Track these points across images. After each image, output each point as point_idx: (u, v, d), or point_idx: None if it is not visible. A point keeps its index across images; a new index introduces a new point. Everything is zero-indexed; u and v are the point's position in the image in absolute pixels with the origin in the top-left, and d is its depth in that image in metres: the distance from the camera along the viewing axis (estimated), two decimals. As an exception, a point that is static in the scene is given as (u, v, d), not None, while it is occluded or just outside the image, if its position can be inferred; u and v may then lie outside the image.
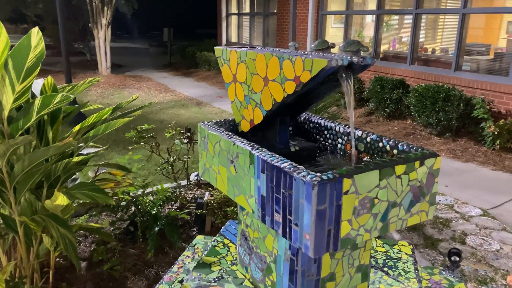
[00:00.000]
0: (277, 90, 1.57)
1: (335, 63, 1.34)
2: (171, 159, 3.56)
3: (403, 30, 8.34)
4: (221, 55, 1.91)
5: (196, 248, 2.62)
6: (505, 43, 6.55)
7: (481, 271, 2.96)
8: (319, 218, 1.24)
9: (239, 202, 1.61)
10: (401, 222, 1.45)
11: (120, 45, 21.64)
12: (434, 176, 1.48)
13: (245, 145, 1.54)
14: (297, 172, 1.28)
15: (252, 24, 12.65)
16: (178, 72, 13.53)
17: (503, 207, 3.99)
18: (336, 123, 1.86)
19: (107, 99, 9.01)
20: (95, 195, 2.26)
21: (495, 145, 5.25)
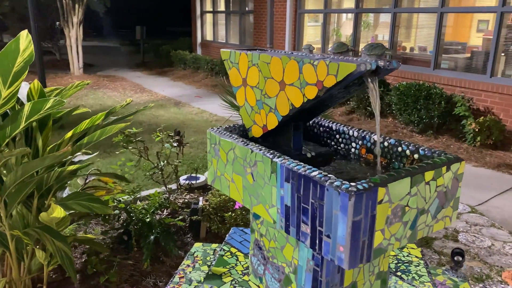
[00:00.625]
0: (296, 95, 1.51)
1: (364, 67, 1.29)
2: (161, 164, 3.44)
3: (381, 28, 8.44)
4: (228, 58, 1.83)
5: (195, 256, 2.54)
6: (481, 41, 6.72)
7: (476, 268, 3.00)
8: (354, 229, 1.19)
9: (257, 212, 1.55)
10: (428, 229, 1.42)
11: (90, 44, 21.06)
12: (458, 180, 1.46)
13: (266, 152, 1.47)
14: (329, 182, 1.23)
15: (228, 23, 12.54)
16: (152, 71, 13.28)
17: (489, 203, 4.07)
18: (349, 127, 1.82)
19: (81, 100, 8.73)
20: (92, 205, 2.14)
21: (476, 142, 5.37)
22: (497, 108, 5.60)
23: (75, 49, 11.03)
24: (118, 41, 22.30)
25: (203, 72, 11.65)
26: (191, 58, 12.31)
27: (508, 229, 3.55)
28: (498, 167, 4.91)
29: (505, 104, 5.50)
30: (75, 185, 3.85)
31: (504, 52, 5.94)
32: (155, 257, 2.81)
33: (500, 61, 5.80)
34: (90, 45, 20.45)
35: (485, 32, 6.96)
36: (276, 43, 9.92)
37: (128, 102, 2.57)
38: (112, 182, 2.94)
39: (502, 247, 3.27)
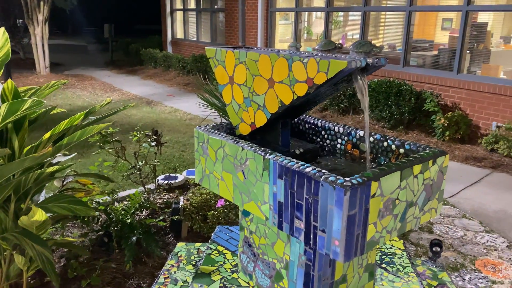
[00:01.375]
0: (285, 92, 1.53)
1: (354, 64, 1.32)
2: (139, 164, 3.39)
3: (352, 26, 8.59)
4: (214, 55, 1.83)
5: (179, 256, 2.52)
6: (447, 39, 6.95)
7: (451, 258, 3.11)
8: (349, 223, 1.22)
9: (249, 209, 1.55)
10: (416, 221, 1.47)
11: (56, 42, 20.42)
12: (443, 173, 1.51)
13: (257, 150, 1.48)
14: (324, 177, 1.25)
15: (199, 21, 12.44)
16: (122, 70, 13.02)
17: (460, 195, 4.23)
18: (334, 124, 1.85)
19: (49, 100, 8.46)
20: (74, 207, 2.09)
21: (445, 136, 5.55)
22: (464, 103, 5.82)
23: (41, 48, 10.67)
24: (86, 39, 21.74)
25: (174, 71, 11.52)
26: (161, 57, 12.15)
27: (479, 219, 3.70)
28: (466, 160, 5.10)
29: (471, 99, 5.72)
30: (50, 187, 3.74)
31: (469, 49, 6.17)
32: (137, 259, 2.77)
33: (465, 58, 6.02)
34: (56, 44, 19.83)
35: (450, 30, 7.21)
36: (248, 41, 9.93)
37: (108, 102, 2.52)
38: (90, 184, 2.88)
39: (474, 237, 3.41)
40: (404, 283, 1.88)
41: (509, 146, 5.04)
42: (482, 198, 4.14)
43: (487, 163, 4.98)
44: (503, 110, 5.40)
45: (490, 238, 3.40)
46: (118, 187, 4.07)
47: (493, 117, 5.52)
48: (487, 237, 3.41)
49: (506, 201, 4.07)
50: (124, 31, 18.22)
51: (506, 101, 5.35)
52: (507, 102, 5.35)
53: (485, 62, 6.39)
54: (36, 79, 10.37)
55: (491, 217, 3.78)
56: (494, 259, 3.10)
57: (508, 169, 4.82)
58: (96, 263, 2.65)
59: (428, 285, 2.15)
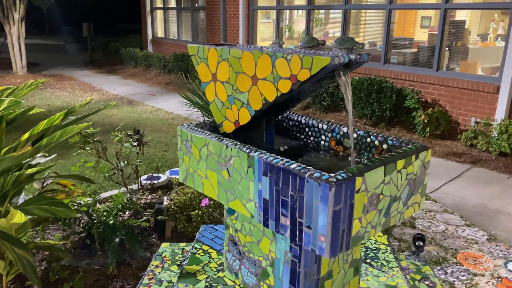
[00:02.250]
0: (269, 89, 1.52)
1: (337, 60, 1.32)
2: (121, 164, 3.35)
3: (333, 25, 8.64)
4: (196, 53, 1.81)
5: (164, 256, 2.50)
6: (426, 37, 7.06)
7: (434, 252, 3.16)
8: (335, 219, 1.22)
9: (234, 207, 1.55)
10: (399, 216, 1.48)
11: (33, 42, 20.00)
12: (425, 168, 1.53)
13: (241, 147, 1.47)
14: (309, 173, 1.25)
15: (179, 19, 12.34)
16: (101, 69, 12.83)
17: (441, 190, 4.30)
18: (318, 121, 1.86)
19: (27, 101, 8.28)
20: (55, 209, 2.04)
21: (426, 133, 5.64)
22: (443, 100, 5.92)
23: (17, 47, 10.43)
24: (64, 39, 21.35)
25: (155, 70, 11.41)
26: (142, 56, 12.02)
27: (459, 214, 3.77)
28: (446, 156, 5.19)
29: (451, 96, 5.82)
30: (30, 190, 3.65)
31: (448, 47, 6.28)
32: (120, 260, 2.73)
33: (444, 55, 6.12)
34: (33, 43, 19.42)
35: (429, 28, 7.32)
36: (230, 40, 9.90)
37: (88, 101, 2.47)
38: (71, 185, 2.82)
39: (455, 231, 3.47)
40: (388, 278, 1.90)
41: (487, 141, 5.15)
42: (462, 193, 4.21)
43: (467, 158, 5.08)
44: (481, 106, 5.51)
45: (470, 231, 3.46)
46: (100, 188, 4.01)
47: (472, 113, 5.63)
48: (468, 231, 3.47)
49: (485, 195, 4.16)
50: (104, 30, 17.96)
51: (484, 97, 5.47)
52: (485, 98, 5.46)
53: (463, 59, 6.51)
54: (13, 79, 10.14)
55: (471, 211, 3.85)
56: (475, 252, 3.16)
57: (487, 164, 4.92)
58: (79, 265, 2.60)
59: (412, 279, 2.18)
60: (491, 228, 3.55)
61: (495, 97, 5.35)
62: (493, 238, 3.37)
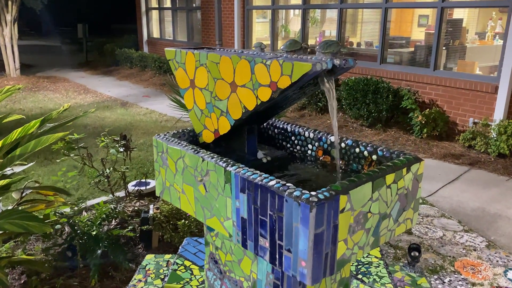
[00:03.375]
0: (249, 97, 1.41)
1: (319, 67, 1.20)
2: (106, 171, 3.23)
3: (329, 24, 8.53)
4: (173, 57, 1.70)
5: (147, 269, 2.38)
6: (423, 36, 6.94)
7: (430, 260, 3.05)
8: (316, 242, 1.10)
9: (211, 225, 1.43)
10: (390, 234, 1.37)
11: (28, 43, 19.85)
12: (418, 181, 1.42)
13: (218, 161, 1.35)
14: (288, 192, 1.14)
15: (175, 19, 12.21)
16: (96, 71, 12.71)
17: (438, 194, 4.19)
18: (304, 128, 1.74)
19: (19, 104, 8.16)
20: (28, 223, 1.93)
21: (423, 134, 5.53)
22: (441, 100, 5.80)
23: (10, 49, 10.30)
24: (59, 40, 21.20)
25: (151, 71, 11.29)
26: (137, 57, 11.89)
27: (457, 218, 3.66)
28: (444, 158, 5.08)
29: (448, 96, 5.71)
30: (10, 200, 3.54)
31: (445, 46, 6.16)
32: (103, 273, 2.62)
33: (442, 54, 6.01)
34: (28, 45, 19.28)
35: (426, 26, 7.21)
36: (225, 40, 9.78)
37: (66, 108, 2.36)
38: (52, 194, 2.71)
39: (453, 237, 3.36)
40: (381, 295, 1.79)
41: (486, 143, 5.04)
42: (460, 196, 4.10)
43: (465, 160, 4.97)
44: (479, 106, 5.40)
45: (469, 237, 3.35)
46: (88, 195, 3.89)
47: (470, 113, 5.52)
48: (466, 237, 3.36)
49: (484, 198, 4.05)
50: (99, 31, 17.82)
51: (482, 97, 5.36)
52: (483, 98, 5.35)
53: (461, 58, 6.40)
54: (6, 81, 10.01)
55: (469, 215, 3.74)
56: (473, 260, 3.05)
57: (485, 165, 4.81)
58: (58, 281, 2.49)
59: (407, 293, 2.07)
60: (490, 234, 3.44)
61: (494, 97, 5.24)
62: (492, 245, 3.26)
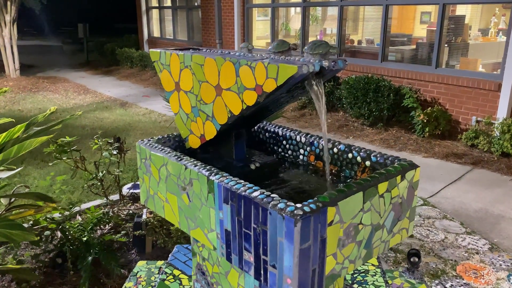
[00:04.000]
0: (234, 101, 1.33)
1: (306, 69, 1.13)
2: (99, 174, 3.16)
3: (329, 22, 8.43)
4: (158, 59, 1.62)
5: (138, 277, 2.31)
6: (425, 33, 6.84)
7: (432, 264, 2.97)
8: (302, 258, 1.03)
9: (196, 237, 1.36)
10: (384, 245, 1.29)
11: (29, 43, 19.83)
12: (413, 189, 1.34)
13: (201, 169, 1.28)
14: (272, 204, 1.06)
15: (175, 18, 12.14)
16: (97, 70, 12.66)
17: (440, 195, 4.10)
18: (296, 132, 1.66)
19: (18, 105, 8.12)
20: (10, 232, 1.86)
21: (425, 133, 5.43)
22: (443, 98, 5.71)
23: (10, 50, 10.26)
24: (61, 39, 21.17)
25: (151, 70, 11.22)
26: (138, 56, 11.83)
27: (460, 220, 3.57)
28: (446, 157, 4.99)
29: (450, 94, 5.61)
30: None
31: (448, 43, 6.06)
32: (95, 279, 2.55)
33: (444, 52, 5.90)
34: (29, 45, 19.27)
35: (428, 23, 7.10)
36: (225, 39, 9.70)
37: (52, 111, 2.29)
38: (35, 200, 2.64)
39: (455, 240, 3.27)
40: (377, 305, 1.71)
41: (489, 141, 4.94)
42: (463, 197, 4.01)
43: (468, 159, 4.87)
44: (482, 104, 5.30)
45: (471, 240, 3.27)
46: (82, 198, 3.83)
47: (473, 111, 5.42)
48: (469, 239, 3.28)
49: (487, 199, 3.96)
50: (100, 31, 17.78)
51: (485, 95, 5.25)
52: (486, 96, 5.25)
53: (463, 55, 6.30)
54: (6, 82, 9.97)
55: (472, 217, 3.65)
56: (475, 263, 2.97)
57: (489, 165, 4.71)
58: (50, 287, 2.42)
59: (406, 301, 1.99)
60: (493, 236, 3.35)
61: (497, 94, 5.13)
62: (496, 247, 3.17)
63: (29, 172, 4.57)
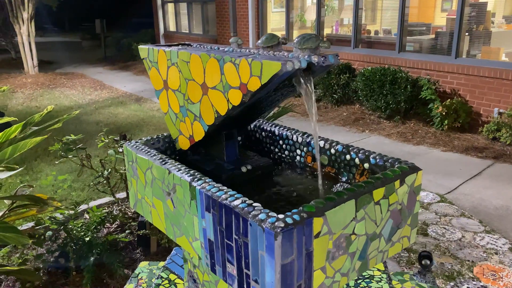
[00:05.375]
0: (220, 101, 1.24)
1: (290, 66, 1.03)
2: (105, 172, 3.13)
3: (345, 12, 8.23)
4: (147, 56, 1.55)
5: (139, 278, 2.26)
6: (445, 21, 6.58)
7: (447, 264, 2.83)
8: (285, 274, 0.94)
9: (181, 245, 1.28)
10: (382, 255, 1.19)
11: (48, 40, 20.14)
12: (415, 194, 1.23)
13: (184, 174, 1.20)
14: (252, 214, 0.97)
15: (190, 12, 12.08)
16: (114, 66, 12.73)
17: (458, 191, 3.93)
18: (293, 132, 1.57)
19: (36, 101, 8.22)
20: (4, 235, 1.83)
21: (444, 126, 5.24)
22: (463, 89, 5.48)
23: (28, 47, 10.39)
24: (79, 36, 21.40)
25: (167, 65, 11.21)
26: (153, 51, 11.81)
27: (478, 218, 3.41)
28: (466, 151, 4.80)
29: (471, 85, 5.38)
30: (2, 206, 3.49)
31: (468, 32, 5.81)
32: (98, 280, 2.53)
33: (464, 41, 5.66)
34: (49, 41, 19.57)
35: (449, 11, 6.84)
36: (240, 32, 9.59)
37: (49, 110, 2.24)
38: (47, 198, 2.62)
39: (473, 239, 3.12)
40: (382, 314, 1.62)
41: (511, 134, 4.72)
42: (482, 193, 3.84)
43: (489, 153, 4.67)
44: (505, 95, 5.06)
45: (490, 239, 3.11)
46: (92, 197, 3.82)
47: (495, 103, 5.18)
48: (487, 238, 3.12)
49: (509, 195, 3.77)
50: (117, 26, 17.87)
51: (508, 85, 5.01)
52: (509, 87, 5.01)
53: (485, 44, 6.03)
54: (24, 79, 10.12)
55: (492, 214, 3.48)
56: (494, 265, 2.82)
57: (511, 159, 4.50)
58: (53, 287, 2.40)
59: (415, 308, 1.88)
60: (514, 235, 3.18)
61: (520, 85, 4.89)
62: (516, 248, 3.01)
63: (42, 169, 4.59)
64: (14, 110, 7.48)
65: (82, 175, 3.46)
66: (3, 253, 2.74)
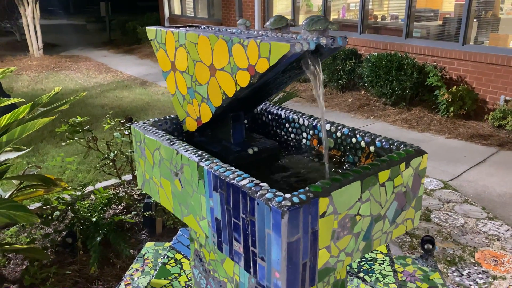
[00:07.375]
0: (228, 82, 1.25)
1: (299, 47, 1.03)
2: (111, 154, 3.16)
3: (352, -3, 8.12)
4: (154, 37, 1.55)
5: (146, 258, 2.31)
6: (453, 7, 6.50)
7: (449, 250, 2.86)
8: (291, 252, 0.96)
9: (189, 224, 1.31)
10: (386, 236, 1.21)
11: (54, 23, 20.06)
12: (420, 177, 1.24)
13: (192, 154, 1.22)
14: (260, 193, 0.99)
15: (195, -5, 11.99)
16: (119, 49, 12.70)
17: (462, 177, 3.94)
18: (299, 115, 1.58)
19: (41, 83, 8.24)
20: (14, 213, 1.86)
21: (449, 113, 5.22)
22: (469, 76, 5.45)
23: (33, 29, 10.37)
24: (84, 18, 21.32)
25: (172, 49, 11.16)
26: (158, 34, 11.76)
27: (481, 205, 3.43)
28: (471, 138, 4.79)
29: (478, 72, 5.35)
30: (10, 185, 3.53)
31: (477, 18, 5.74)
32: (104, 259, 2.57)
33: (472, 27, 5.60)
34: (54, 24, 19.50)
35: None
36: (245, 15, 9.51)
37: (57, 91, 2.26)
38: (54, 178, 2.65)
39: (475, 225, 3.14)
40: (384, 295, 1.64)
41: (517, 122, 4.70)
42: (486, 180, 3.85)
43: (494, 141, 4.66)
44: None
45: (492, 226, 3.13)
46: (98, 178, 3.86)
47: (502, 90, 5.15)
48: (490, 225, 3.14)
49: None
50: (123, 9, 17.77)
51: (515, 73, 4.98)
52: (516, 74, 4.97)
53: (493, 31, 5.96)
54: (29, 61, 10.12)
55: (495, 201, 3.50)
56: (496, 250, 2.84)
57: (516, 147, 4.50)
58: (60, 266, 2.45)
59: (416, 290, 1.91)
60: (516, 222, 3.20)
61: (528, 73, 4.86)
62: (518, 234, 3.03)
63: (48, 150, 4.63)
64: (20, 92, 7.51)
65: (88, 157, 3.50)
66: (11, 232, 2.79)
